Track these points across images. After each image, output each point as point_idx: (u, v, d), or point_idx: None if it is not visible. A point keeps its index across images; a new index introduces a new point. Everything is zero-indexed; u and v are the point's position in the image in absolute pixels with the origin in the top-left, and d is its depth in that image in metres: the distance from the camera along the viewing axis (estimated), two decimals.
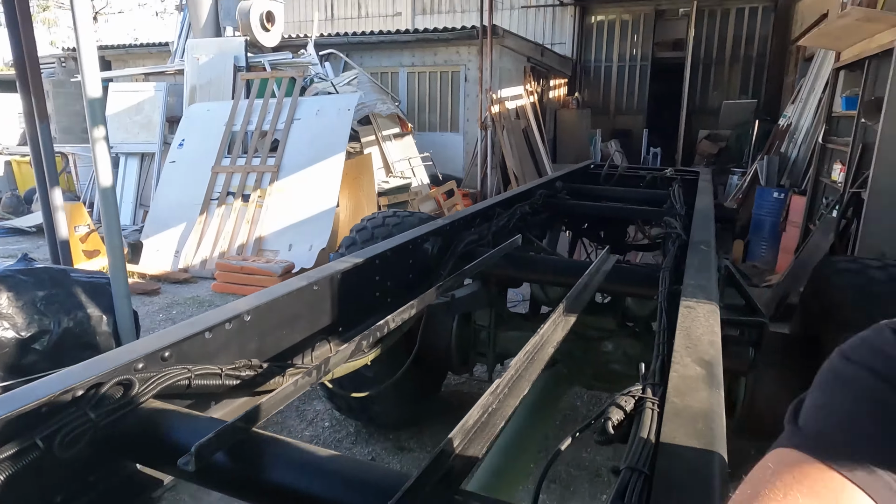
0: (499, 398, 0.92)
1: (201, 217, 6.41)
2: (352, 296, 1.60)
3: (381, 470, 0.78)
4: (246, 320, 1.22)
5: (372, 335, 1.25)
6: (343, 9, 15.75)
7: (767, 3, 12.26)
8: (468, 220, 2.24)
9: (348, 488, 0.73)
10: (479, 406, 0.87)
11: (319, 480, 0.76)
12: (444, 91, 9.50)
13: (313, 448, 0.82)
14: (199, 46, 8.25)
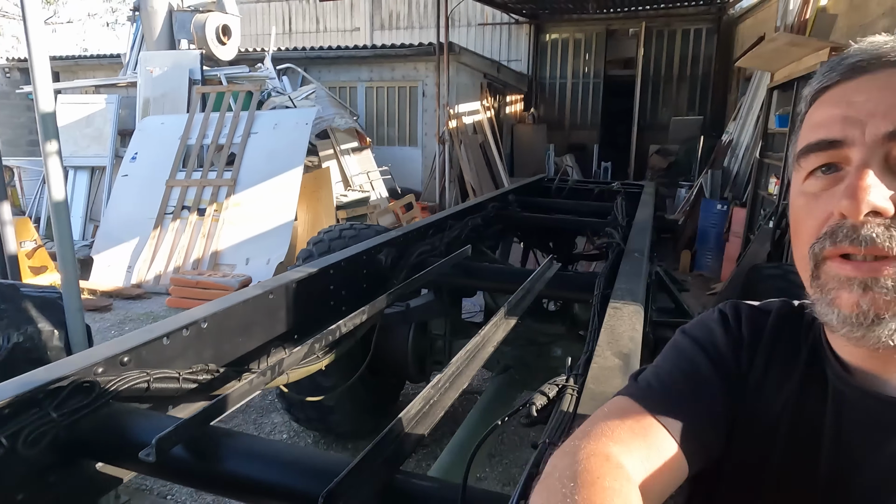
0: (440, 391, 1.01)
1: (155, 231, 6.31)
2: (307, 304, 1.67)
3: (328, 455, 0.86)
4: (203, 327, 1.28)
5: (324, 339, 1.33)
6: (301, 23, 15.77)
7: (710, 25, 12.89)
8: (421, 231, 2.34)
9: (298, 473, 0.80)
10: (420, 398, 0.95)
11: (271, 468, 0.83)
12: (402, 106, 9.62)
13: (266, 440, 0.89)
14: (152, 59, 8.16)
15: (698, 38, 13.08)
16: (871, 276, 0.50)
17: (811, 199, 0.55)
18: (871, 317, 0.50)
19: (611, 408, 0.65)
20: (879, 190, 0.49)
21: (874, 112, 0.51)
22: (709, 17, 12.82)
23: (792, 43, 4.17)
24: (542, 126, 12.90)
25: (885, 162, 0.51)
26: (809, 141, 0.55)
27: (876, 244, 0.49)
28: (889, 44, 0.53)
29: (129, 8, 9.79)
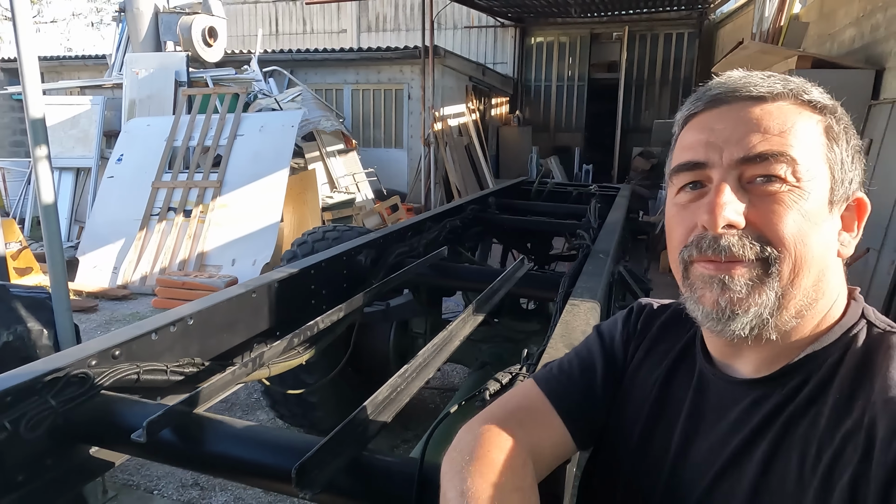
0: (407, 381, 1.11)
1: (141, 233, 6.34)
2: (289, 303, 1.76)
3: (301, 436, 0.95)
4: (189, 323, 1.37)
5: (303, 334, 1.42)
6: (288, 24, 15.79)
7: (692, 29, 13.11)
8: (401, 233, 2.43)
9: (274, 451, 0.89)
10: (388, 385, 1.05)
11: (250, 447, 0.92)
12: (388, 108, 9.71)
13: (247, 423, 0.99)
14: (138, 60, 8.18)
15: (680, 43, 13.30)
16: (727, 273, 0.58)
17: (681, 209, 0.63)
18: (728, 313, 0.59)
19: (518, 390, 0.79)
20: (733, 206, 0.58)
21: (730, 139, 0.59)
22: (690, 22, 13.04)
23: (763, 51, 4.32)
24: (528, 128, 13.04)
25: (739, 181, 0.59)
26: (680, 161, 0.63)
27: (732, 252, 0.58)
28: (742, 80, 0.62)
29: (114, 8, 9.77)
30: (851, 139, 0.63)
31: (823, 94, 0.63)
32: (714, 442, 0.65)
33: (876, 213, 3.61)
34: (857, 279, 3.64)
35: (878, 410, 0.54)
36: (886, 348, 0.59)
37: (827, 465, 0.56)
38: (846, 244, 0.63)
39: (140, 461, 3.01)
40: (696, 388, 0.70)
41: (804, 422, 0.59)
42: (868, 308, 0.65)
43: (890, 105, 3.72)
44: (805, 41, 5.62)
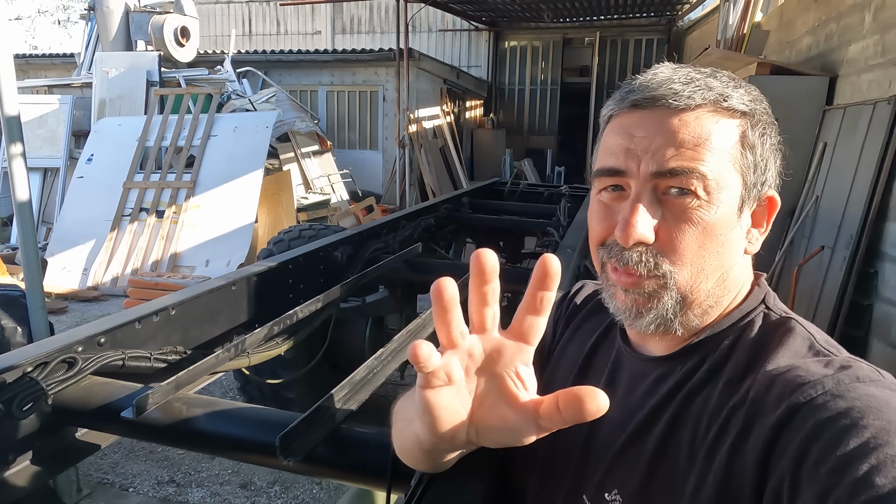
0: (382, 363, 1.18)
1: (112, 233, 6.27)
2: (267, 296, 1.81)
3: (282, 413, 1.01)
4: (172, 314, 1.41)
5: (282, 322, 1.48)
6: (261, 25, 15.68)
7: (661, 35, 13.43)
8: (376, 230, 2.50)
9: (258, 427, 0.95)
10: (365, 367, 1.12)
11: (235, 424, 0.98)
12: (363, 110, 9.74)
13: (229, 402, 1.05)
14: (108, 59, 8.07)
15: (650, 48, 13.61)
16: (631, 286, 0.63)
17: (603, 207, 0.66)
18: (634, 312, 0.64)
19: None
20: (645, 223, 0.61)
21: (647, 150, 0.61)
22: (659, 28, 13.36)
23: (725, 57, 4.50)
24: (502, 131, 13.19)
25: (654, 192, 0.62)
26: (602, 165, 0.65)
27: (629, 266, 0.62)
28: (665, 86, 0.62)
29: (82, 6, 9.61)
30: (768, 141, 0.65)
31: (744, 96, 0.64)
32: (623, 415, 0.69)
33: (830, 212, 3.80)
34: (812, 276, 3.82)
35: (762, 387, 0.57)
36: (779, 332, 0.63)
37: (712, 439, 0.59)
38: (754, 241, 0.67)
39: (115, 459, 3.02)
40: (612, 364, 0.75)
41: (698, 399, 0.63)
42: (770, 294, 0.69)
43: (842, 110, 3.91)
44: (766, 48, 5.84)
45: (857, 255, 3.33)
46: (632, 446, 0.66)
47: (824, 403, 0.52)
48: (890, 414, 0.49)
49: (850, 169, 3.59)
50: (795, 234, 4.19)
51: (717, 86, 0.62)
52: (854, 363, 0.56)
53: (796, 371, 0.56)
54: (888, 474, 0.45)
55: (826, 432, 0.50)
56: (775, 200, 0.67)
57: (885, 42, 3.49)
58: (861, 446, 0.47)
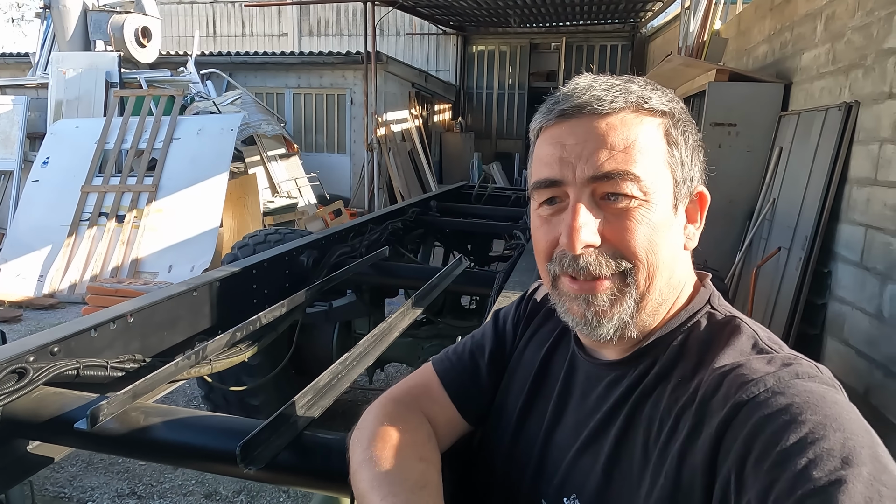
0: (347, 368, 1.18)
1: (70, 239, 6.07)
2: (231, 302, 1.78)
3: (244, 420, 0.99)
4: (130, 321, 1.38)
5: (245, 329, 1.45)
6: (226, 26, 15.42)
7: (625, 42, 13.70)
8: (342, 234, 2.48)
9: (215, 435, 0.93)
10: (329, 371, 1.11)
11: (196, 433, 0.95)
12: (330, 113, 9.67)
13: (189, 411, 1.02)
14: (66, 59, 7.83)
15: (615, 54, 13.87)
16: (590, 292, 0.63)
17: (544, 222, 0.66)
18: (594, 322, 0.64)
19: (418, 372, 0.87)
20: (589, 226, 0.62)
21: (581, 155, 0.62)
22: (624, 35, 13.62)
23: (685, 64, 4.61)
24: (470, 135, 13.26)
25: (592, 196, 0.63)
26: (538, 178, 0.66)
27: (590, 271, 0.62)
28: (587, 94, 0.64)
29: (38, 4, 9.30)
30: (690, 138, 0.67)
31: (662, 97, 0.66)
32: (578, 419, 0.71)
33: (787, 214, 3.93)
34: (769, 276, 3.94)
35: (710, 387, 0.59)
36: (725, 332, 0.65)
37: (664, 440, 0.60)
38: (691, 237, 0.69)
39: (72, 472, 2.92)
40: (568, 368, 0.76)
41: (650, 400, 0.64)
42: (715, 294, 0.71)
43: (797, 116, 4.05)
44: (725, 56, 6.01)
45: (811, 255, 3.44)
46: (588, 450, 0.67)
47: (766, 400, 0.53)
48: (826, 409, 0.51)
49: (805, 172, 3.72)
50: (754, 236, 4.31)
51: (636, 89, 0.65)
52: (795, 360, 0.58)
53: (741, 369, 0.58)
54: (825, 467, 0.46)
55: (768, 428, 0.51)
56: (705, 195, 0.70)
57: (835, 51, 3.63)
58: (800, 441, 0.49)
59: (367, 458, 0.69)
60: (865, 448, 0.48)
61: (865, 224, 3.12)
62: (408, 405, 0.78)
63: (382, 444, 0.70)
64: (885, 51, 3.03)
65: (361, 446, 0.71)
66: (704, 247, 3.13)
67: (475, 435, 0.85)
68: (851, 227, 3.27)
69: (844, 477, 0.45)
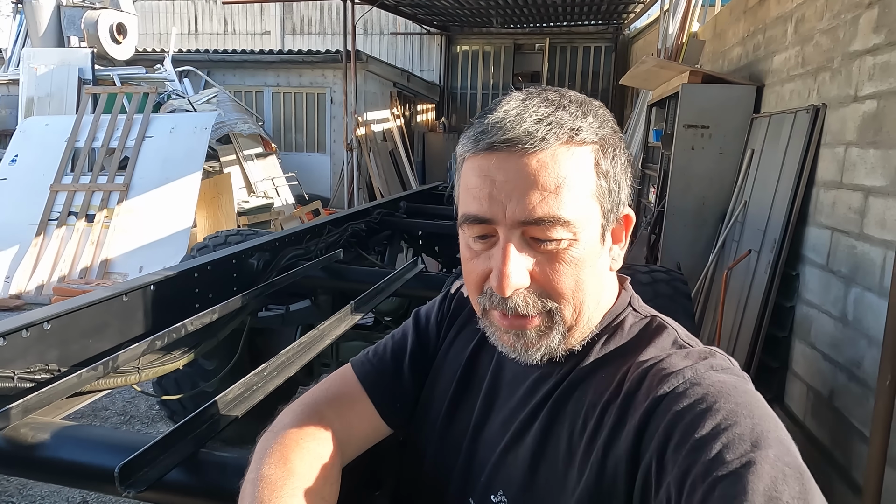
0: (265, 379, 1.12)
1: (37, 239, 5.95)
2: (168, 308, 1.71)
3: (140, 436, 0.94)
4: (46, 328, 1.31)
5: (168, 336, 1.39)
6: (208, 23, 15.25)
7: (609, 43, 13.73)
8: (297, 236, 2.42)
9: (108, 452, 0.88)
10: (241, 384, 1.05)
11: (82, 450, 0.90)
12: (310, 112, 9.58)
13: (89, 427, 0.96)
14: (37, 56, 7.68)
15: (598, 55, 13.90)
16: (520, 329, 0.65)
17: (475, 255, 0.66)
18: (523, 352, 0.66)
19: (337, 374, 0.84)
20: (518, 270, 0.62)
21: (510, 196, 0.61)
22: (607, 37, 13.66)
23: (659, 66, 4.60)
24: (453, 135, 13.21)
25: (523, 237, 0.62)
26: (468, 212, 0.64)
27: (518, 312, 0.63)
28: (518, 127, 0.61)
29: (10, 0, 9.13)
30: (619, 162, 0.67)
31: (594, 124, 0.64)
32: (505, 417, 0.72)
33: (757, 217, 3.92)
34: (740, 279, 3.93)
35: (633, 382, 0.62)
36: (647, 331, 0.69)
37: (589, 434, 0.63)
38: (616, 258, 0.70)
39: (22, 482, 2.83)
40: (494, 367, 0.77)
41: (574, 397, 0.67)
42: (634, 297, 0.74)
43: (767, 118, 4.05)
44: (702, 58, 6.02)
45: (779, 258, 3.44)
46: (514, 447, 0.69)
47: (684, 391, 0.57)
48: (738, 397, 0.56)
49: (774, 175, 3.71)
50: (726, 238, 4.31)
51: (567, 120, 0.63)
52: (710, 354, 0.63)
53: (662, 364, 0.62)
54: (736, 451, 0.50)
55: (686, 417, 0.55)
56: (630, 218, 0.71)
57: (804, 53, 3.63)
58: (714, 428, 0.53)
59: (255, 478, 0.65)
60: (771, 432, 0.52)
61: (831, 227, 3.11)
62: (321, 414, 0.75)
63: (277, 463, 0.66)
64: (850, 53, 3.03)
65: (257, 459, 0.68)
66: (677, 249, 3.10)
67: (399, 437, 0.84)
68: (818, 229, 3.27)
69: (754, 459, 0.49)
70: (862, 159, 2.85)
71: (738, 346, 3.76)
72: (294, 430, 0.71)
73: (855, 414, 2.71)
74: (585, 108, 0.65)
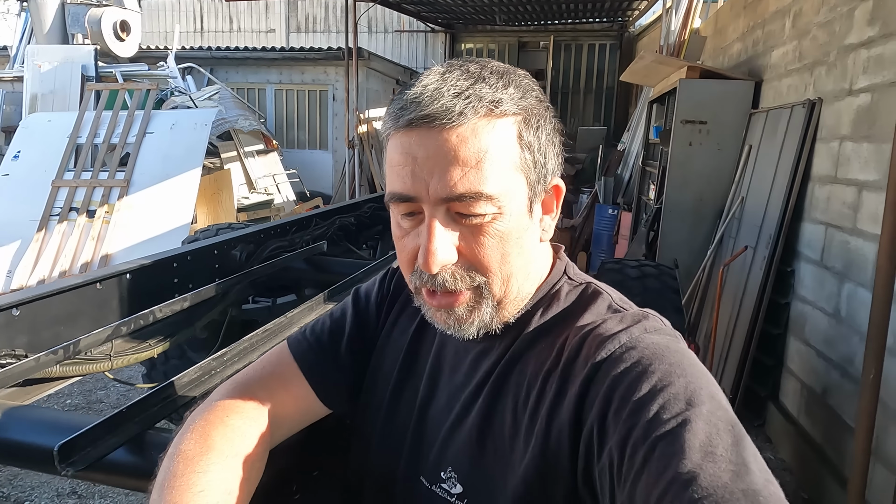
0: (224, 364, 1.12)
1: (39, 234, 5.99)
2: (145, 297, 1.71)
3: (86, 417, 0.94)
4: (14, 314, 1.31)
5: (133, 323, 1.39)
6: (214, 21, 15.31)
7: (613, 41, 13.66)
8: (284, 228, 2.42)
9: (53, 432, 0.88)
10: (198, 367, 1.05)
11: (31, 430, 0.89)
12: (312, 109, 9.59)
13: (37, 408, 0.96)
14: (41, 52, 7.73)
15: (603, 53, 13.83)
16: (448, 306, 0.65)
17: (405, 233, 0.66)
18: (456, 328, 0.67)
19: (273, 352, 0.83)
20: (444, 246, 0.61)
21: (432, 172, 0.60)
22: (612, 34, 13.58)
23: (658, 61, 4.57)
24: None
25: (448, 213, 0.62)
26: (392, 191, 0.64)
27: (447, 288, 0.63)
28: (436, 102, 0.60)
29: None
30: (544, 132, 0.66)
31: (515, 94, 0.63)
32: (449, 395, 0.72)
33: (754, 213, 3.88)
34: (736, 275, 3.90)
35: (572, 350, 0.63)
36: (583, 298, 0.70)
37: (532, 404, 0.63)
38: (547, 228, 0.70)
39: (13, 472, 2.85)
40: (437, 346, 0.77)
41: (516, 368, 0.68)
42: (569, 265, 0.75)
43: (765, 114, 4.01)
44: (704, 54, 5.97)
45: (774, 254, 3.41)
46: (461, 423, 0.69)
47: (621, 356, 0.59)
48: (671, 357, 0.57)
49: (771, 171, 3.68)
50: (723, 235, 4.28)
51: (486, 93, 0.61)
52: (643, 317, 0.64)
53: (598, 329, 0.63)
54: (672, 410, 0.52)
55: (624, 381, 0.56)
56: (560, 188, 0.70)
57: (801, 48, 3.59)
58: (651, 390, 0.54)
59: (173, 452, 0.65)
60: (703, 389, 0.54)
61: (826, 222, 3.08)
62: (252, 392, 0.74)
63: (198, 439, 0.66)
64: (845, 46, 2.99)
65: (179, 434, 0.68)
66: (675, 245, 3.08)
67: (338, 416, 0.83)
68: (813, 225, 3.23)
69: (689, 417, 0.51)
70: (856, 153, 2.82)
71: (734, 342, 3.73)
72: (220, 406, 0.71)
73: (847, 411, 2.68)
74: (507, 79, 0.64)
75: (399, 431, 0.75)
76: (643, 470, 0.49)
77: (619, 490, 0.51)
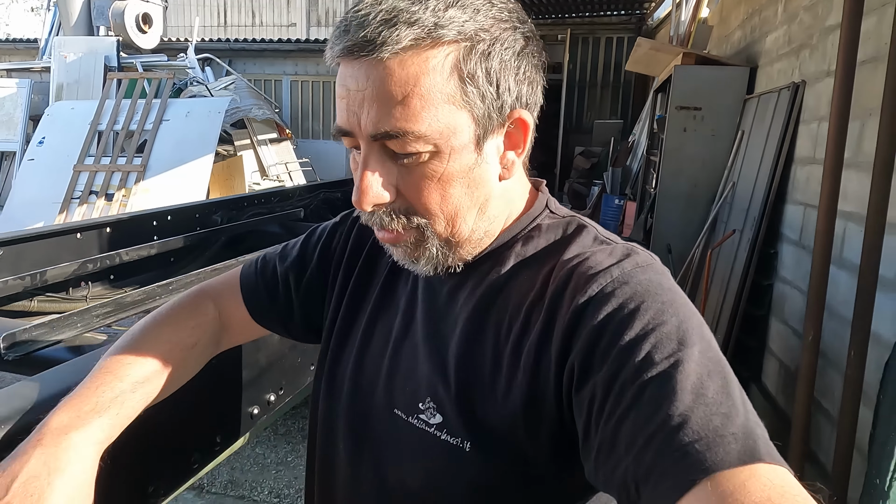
0: (169, 292, 1.25)
1: (60, 216, 6.27)
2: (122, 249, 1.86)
3: None
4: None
5: (100, 261, 1.54)
6: (237, 16, 15.64)
7: (631, 34, 13.54)
8: (265, 197, 2.56)
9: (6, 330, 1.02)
10: (143, 290, 1.19)
11: None
12: (327, 100, 9.78)
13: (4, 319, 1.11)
14: (67, 44, 8.05)
15: (620, 46, 13.73)
16: (391, 242, 0.64)
17: (357, 166, 0.61)
18: (408, 263, 0.66)
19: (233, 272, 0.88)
20: (376, 188, 0.59)
21: (361, 106, 0.56)
22: (630, 27, 13.47)
23: (654, 49, 4.61)
24: None
25: (382, 150, 0.59)
26: (335, 124, 0.62)
27: (384, 226, 0.61)
28: (366, 28, 0.55)
29: None
30: (496, 60, 0.59)
31: (460, 17, 0.56)
32: (427, 331, 0.69)
33: (742, 197, 3.91)
34: (725, 258, 3.94)
35: (559, 283, 0.60)
36: (567, 231, 0.67)
37: (516, 336, 0.61)
38: (509, 166, 0.65)
39: None
40: (412, 283, 0.74)
41: (497, 301, 0.65)
42: (551, 200, 0.72)
43: (757, 99, 4.03)
44: (710, 43, 5.97)
45: (758, 236, 3.44)
46: (438, 354, 0.66)
47: (612, 291, 0.56)
48: (663, 295, 0.56)
49: (759, 154, 3.71)
50: (715, 220, 4.31)
51: (421, 17, 0.55)
52: (632, 251, 0.62)
53: (588, 262, 0.60)
54: (664, 350, 0.51)
55: (616, 317, 0.54)
56: (525, 120, 0.64)
57: (791, 32, 3.61)
58: (643, 329, 0.53)
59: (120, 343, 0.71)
60: (695, 329, 0.53)
61: (804, 203, 3.11)
62: (211, 298, 0.81)
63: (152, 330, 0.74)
64: (826, 28, 3.02)
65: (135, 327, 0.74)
66: (669, 231, 3.20)
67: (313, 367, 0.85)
68: (794, 206, 3.27)
69: (681, 358, 0.50)
70: None
71: (720, 325, 3.77)
72: (182, 306, 0.78)
73: (821, 391, 2.72)
74: (460, 4, 0.57)
75: (372, 369, 0.73)
76: (631, 409, 0.49)
77: (601, 426, 0.51)
